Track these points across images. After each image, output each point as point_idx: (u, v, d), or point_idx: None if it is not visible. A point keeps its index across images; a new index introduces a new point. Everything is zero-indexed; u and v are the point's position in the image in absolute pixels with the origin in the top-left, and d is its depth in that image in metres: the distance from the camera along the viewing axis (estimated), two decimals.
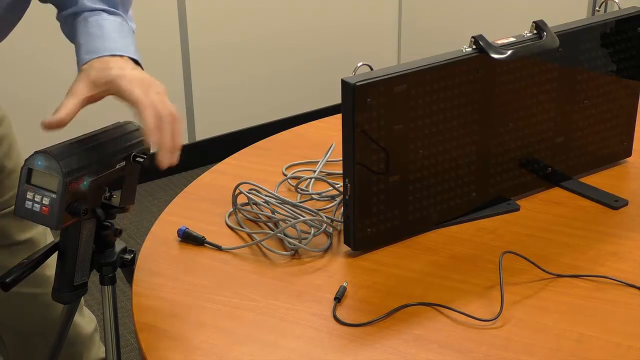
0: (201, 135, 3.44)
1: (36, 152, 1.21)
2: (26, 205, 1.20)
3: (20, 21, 1.41)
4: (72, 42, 1.35)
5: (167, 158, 1.21)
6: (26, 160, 1.21)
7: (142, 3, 3.16)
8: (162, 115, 1.21)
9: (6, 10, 1.36)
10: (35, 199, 1.19)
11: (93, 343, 1.83)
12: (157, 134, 1.21)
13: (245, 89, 3.48)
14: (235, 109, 3.49)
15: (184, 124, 3.38)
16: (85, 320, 1.82)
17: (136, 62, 1.30)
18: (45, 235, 1.68)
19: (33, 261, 1.31)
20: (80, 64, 1.27)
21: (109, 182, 1.27)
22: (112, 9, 1.35)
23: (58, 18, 1.37)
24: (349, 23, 3.63)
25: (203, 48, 3.32)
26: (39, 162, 1.20)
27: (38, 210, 1.19)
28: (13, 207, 1.64)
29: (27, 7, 1.39)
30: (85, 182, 1.21)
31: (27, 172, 1.20)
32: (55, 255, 1.32)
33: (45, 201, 1.19)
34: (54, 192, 1.19)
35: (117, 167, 1.27)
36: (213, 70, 3.37)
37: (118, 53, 1.27)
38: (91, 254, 1.31)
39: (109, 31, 1.31)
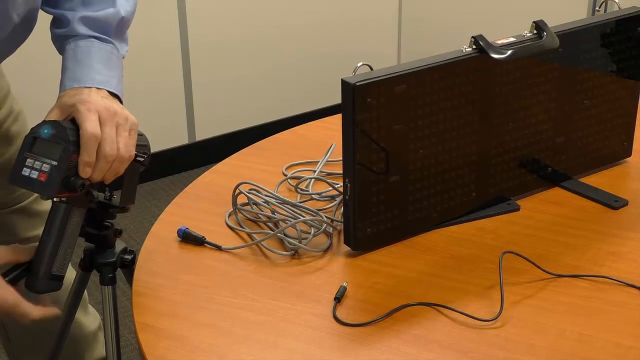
0: (201, 135, 3.44)
1: (44, 121, 1.20)
2: (23, 172, 1.18)
3: (36, 29, 1.42)
4: (60, 54, 1.36)
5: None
6: (32, 129, 1.20)
7: (142, 2, 3.18)
8: (105, 154, 1.21)
9: (12, 32, 1.37)
10: (35, 166, 1.17)
11: (97, 342, 1.83)
12: (86, 170, 1.20)
13: (245, 89, 3.48)
14: (235, 108, 3.48)
15: (184, 123, 3.38)
16: (90, 319, 1.82)
17: (116, 95, 1.30)
18: None
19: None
20: (61, 88, 1.28)
21: None
22: (104, 37, 1.34)
23: (50, 29, 1.37)
24: (349, 21, 3.63)
25: (203, 48, 3.32)
26: (46, 131, 1.18)
27: (35, 177, 1.17)
28: (21, 204, 1.63)
29: (33, 26, 1.39)
30: None
31: (31, 141, 1.19)
32: None
33: (45, 168, 1.17)
34: (55, 160, 1.17)
35: None
36: (213, 70, 3.37)
37: (97, 86, 1.27)
38: (74, 246, 1.28)
39: (95, 61, 1.30)
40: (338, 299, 1.26)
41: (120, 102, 1.30)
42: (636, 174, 1.61)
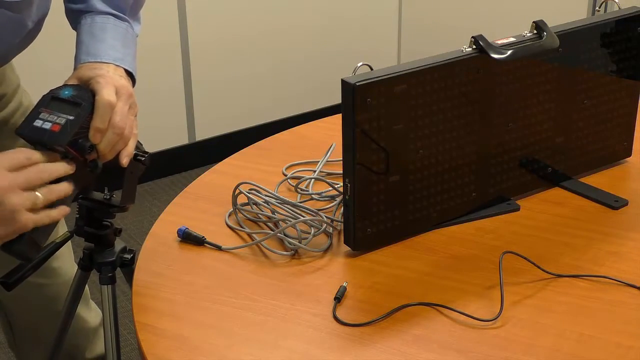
0: (201, 135, 3.44)
1: (65, 84, 1.21)
2: (35, 124, 1.17)
3: (46, 24, 1.42)
4: (72, 28, 1.38)
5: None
6: (51, 90, 1.20)
7: None
8: (114, 124, 1.21)
9: (25, 36, 1.38)
10: (48, 119, 1.17)
11: (98, 337, 1.83)
12: (97, 136, 1.21)
13: (245, 89, 3.48)
14: (235, 108, 3.49)
15: (184, 123, 3.38)
16: (92, 314, 1.82)
17: (130, 74, 1.32)
18: (56, 230, 1.67)
19: (36, 260, 1.31)
20: (77, 62, 1.30)
21: None
22: (120, 15, 1.36)
23: (65, 3, 1.39)
24: (349, 21, 3.63)
25: (203, 49, 3.32)
26: (67, 92, 1.19)
27: (48, 127, 1.16)
28: None
29: (42, 25, 1.40)
30: None
31: (49, 99, 1.18)
32: (60, 250, 1.31)
33: (60, 121, 1.16)
34: (72, 116, 1.17)
35: None
36: (213, 70, 3.37)
37: (114, 63, 1.29)
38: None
39: (111, 37, 1.33)
40: (338, 299, 1.26)
41: (134, 80, 1.33)
42: (636, 174, 1.61)
